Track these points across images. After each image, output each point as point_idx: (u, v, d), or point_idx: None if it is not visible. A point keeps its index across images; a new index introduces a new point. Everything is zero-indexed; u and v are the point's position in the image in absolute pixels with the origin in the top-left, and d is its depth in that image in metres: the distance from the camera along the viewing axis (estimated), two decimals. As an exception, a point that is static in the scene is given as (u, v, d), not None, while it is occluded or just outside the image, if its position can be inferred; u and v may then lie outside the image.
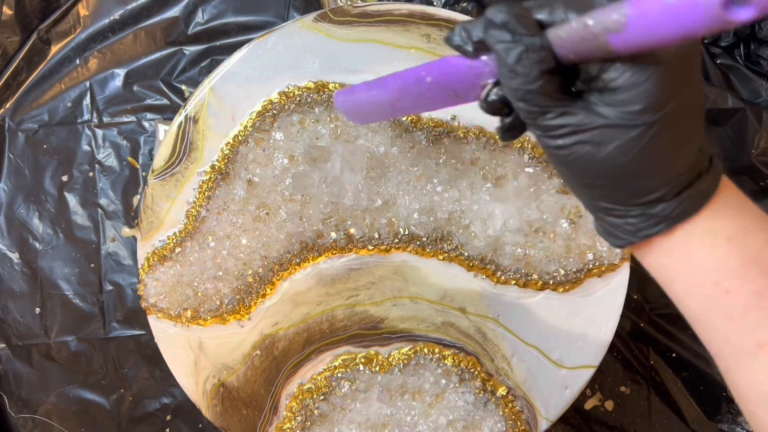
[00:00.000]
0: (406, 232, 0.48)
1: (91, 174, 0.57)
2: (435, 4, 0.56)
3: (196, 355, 0.48)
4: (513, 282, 0.48)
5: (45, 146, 0.57)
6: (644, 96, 0.25)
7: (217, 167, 0.48)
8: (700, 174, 0.29)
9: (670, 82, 0.25)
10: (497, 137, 0.48)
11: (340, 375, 0.48)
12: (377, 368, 0.48)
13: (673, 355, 0.57)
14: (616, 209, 0.29)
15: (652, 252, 0.30)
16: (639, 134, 0.26)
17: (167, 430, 0.57)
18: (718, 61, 0.56)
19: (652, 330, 0.57)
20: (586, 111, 0.26)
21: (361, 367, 0.48)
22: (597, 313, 0.48)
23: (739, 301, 0.28)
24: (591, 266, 0.48)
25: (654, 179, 0.28)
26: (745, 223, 0.29)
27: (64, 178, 0.57)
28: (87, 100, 0.57)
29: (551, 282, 0.48)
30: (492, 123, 0.48)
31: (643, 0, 0.22)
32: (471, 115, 0.48)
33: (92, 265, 0.57)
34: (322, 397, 0.48)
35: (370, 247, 0.48)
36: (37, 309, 0.57)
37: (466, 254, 0.48)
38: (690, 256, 0.29)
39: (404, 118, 0.48)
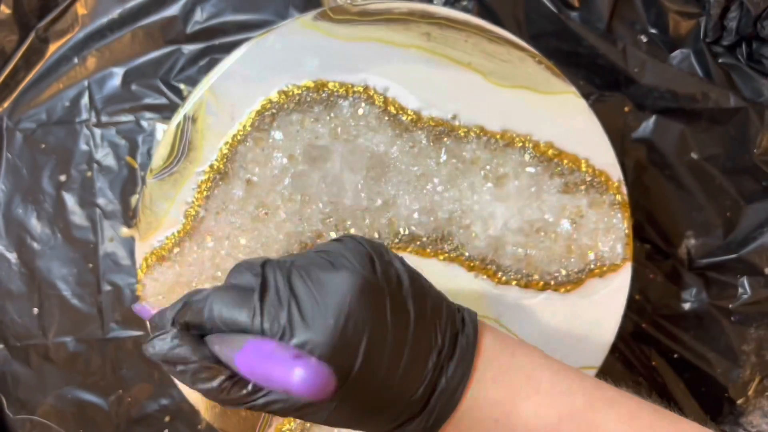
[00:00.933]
0: (406, 232, 0.48)
1: (89, 174, 0.57)
2: (435, 2, 0.56)
3: (194, 356, 0.48)
4: (514, 282, 0.48)
5: (43, 146, 0.57)
6: None
7: (215, 167, 0.48)
8: (442, 371, 0.27)
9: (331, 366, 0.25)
10: (498, 137, 0.47)
11: (339, 376, 0.48)
12: (377, 369, 0.48)
13: (675, 356, 0.57)
14: None
15: None
16: (338, 404, 0.26)
17: (166, 431, 0.56)
18: (719, 60, 0.56)
19: (654, 331, 0.56)
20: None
21: (361, 368, 0.48)
22: (599, 313, 0.47)
23: None
24: (593, 266, 0.47)
25: (389, 413, 0.27)
26: (510, 395, 0.28)
27: (62, 178, 0.57)
28: (85, 100, 0.57)
29: (552, 282, 0.47)
30: (493, 122, 0.47)
31: (239, 360, 0.24)
32: (472, 114, 0.48)
33: (90, 266, 0.56)
34: (321, 399, 0.48)
35: (370, 248, 0.48)
36: (35, 309, 0.56)
37: (466, 254, 0.48)
38: None
39: (404, 118, 0.47)
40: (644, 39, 0.56)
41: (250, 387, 0.26)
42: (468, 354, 0.28)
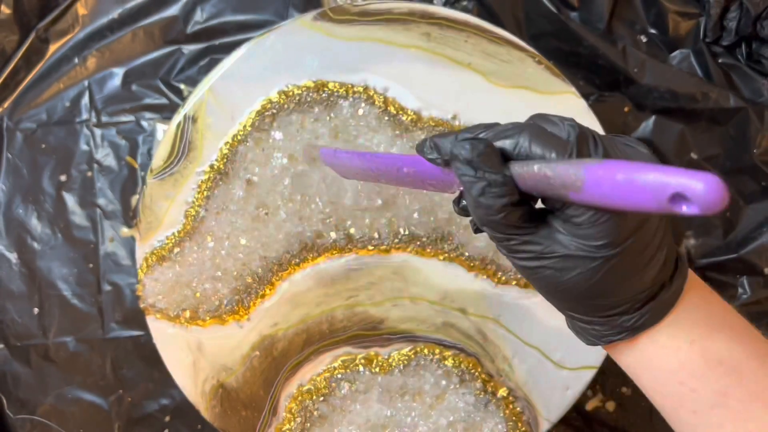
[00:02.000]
0: (406, 232, 0.48)
1: (89, 174, 0.57)
2: (435, 2, 0.56)
3: (194, 356, 0.48)
4: (514, 282, 0.48)
5: (43, 146, 0.57)
6: (604, 234, 0.26)
7: (216, 167, 0.48)
8: (663, 285, 0.29)
9: (628, 224, 0.26)
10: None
11: (339, 376, 0.48)
12: (377, 369, 0.48)
13: (675, 355, 0.57)
14: (582, 318, 0.30)
15: (619, 353, 0.32)
16: (599, 265, 0.27)
17: (166, 431, 0.56)
18: (719, 61, 0.56)
19: (654, 330, 0.56)
20: (549, 240, 0.27)
21: (361, 368, 0.48)
22: (598, 313, 0.47)
23: (703, 399, 0.29)
24: (592, 266, 0.47)
25: (615, 299, 0.29)
26: (708, 324, 0.30)
27: (63, 178, 0.57)
28: (85, 100, 0.57)
29: (552, 282, 0.47)
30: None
31: (598, 170, 0.23)
32: (472, 114, 0.48)
33: (91, 266, 0.56)
34: (321, 399, 0.48)
35: (370, 248, 0.48)
36: (36, 309, 0.56)
37: (466, 254, 0.48)
38: (653, 359, 0.30)
39: (404, 118, 0.47)
40: (644, 39, 0.56)
41: (525, 224, 0.27)
42: (683, 276, 0.30)
